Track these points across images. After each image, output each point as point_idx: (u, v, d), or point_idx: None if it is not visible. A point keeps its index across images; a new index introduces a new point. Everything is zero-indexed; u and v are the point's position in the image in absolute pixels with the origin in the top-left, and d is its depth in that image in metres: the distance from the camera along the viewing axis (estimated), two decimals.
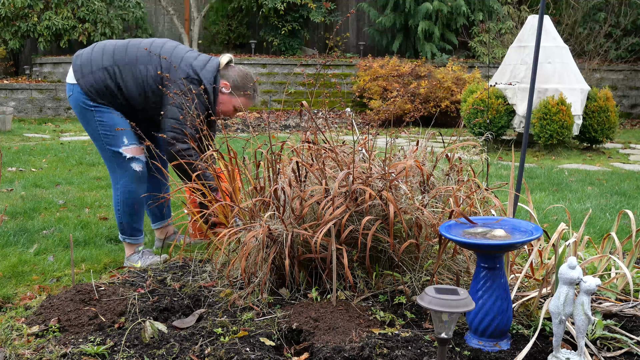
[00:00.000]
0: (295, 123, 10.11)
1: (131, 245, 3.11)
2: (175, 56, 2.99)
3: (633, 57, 12.40)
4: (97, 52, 2.99)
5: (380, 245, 2.46)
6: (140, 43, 3.02)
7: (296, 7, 12.24)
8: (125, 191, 3.01)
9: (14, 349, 2.02)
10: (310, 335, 2.06)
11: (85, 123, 3.01)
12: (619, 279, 2.50)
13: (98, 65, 2.94)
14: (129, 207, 3.03)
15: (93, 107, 2.95)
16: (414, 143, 2.86)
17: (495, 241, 2.00)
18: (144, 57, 2.96)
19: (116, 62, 2.95)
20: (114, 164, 3.01)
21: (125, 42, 3.04)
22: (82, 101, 2.95)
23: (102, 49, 3.00)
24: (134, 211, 3.05)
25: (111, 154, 2.99)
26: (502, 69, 7.77)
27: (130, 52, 2.97)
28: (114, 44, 3.03)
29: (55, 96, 10.86)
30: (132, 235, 3.09)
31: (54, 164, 6.10)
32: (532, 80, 2.70)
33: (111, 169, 3.05)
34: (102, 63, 2.95)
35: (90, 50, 3.02)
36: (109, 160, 3.02)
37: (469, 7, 12.01)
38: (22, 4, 10.83)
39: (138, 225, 3.10)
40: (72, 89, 2.98)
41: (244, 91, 3.09)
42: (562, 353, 1.91)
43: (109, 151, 2.99)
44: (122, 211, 3.03)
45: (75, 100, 2.98)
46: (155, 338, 2.07)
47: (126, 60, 2.96)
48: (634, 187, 5.26)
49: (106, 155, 3.02)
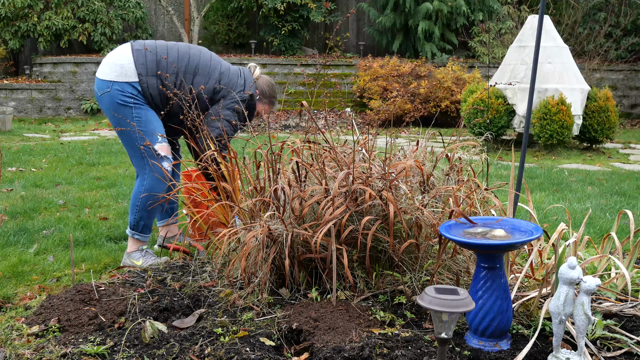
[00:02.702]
0: (295, 123, 10.11)
1: (137, 242, 3.11)
2: (224, 71, 3.17)
3: (633, 57, 12.41)
4: (161, 53, 3.06)
5: (380, 245, 2.46)
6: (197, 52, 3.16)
7: (296, 7, 12.24)
8: (150, 188, 3.03)
9: (14, 349, 2.02)
10: (310, 335, 2.06)
11: (120, 119, 3.01)
12: (618, 279, 2.50)
13: (163, 70, 3.03)
14: (148, 204, 3.05)
15: (133, 103, 2.99)
16: (414, 143, 2.86)
17: (495, 241, 2.00)
18: (204, 68, 3.12)
19: (179, 68, 3.06)
20: (145, 161, 3.03)
21: (185, 48, 3.16)
22: (121, 98, 2.98)
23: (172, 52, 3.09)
24: (152, 209, 3.07)
25: (143, 151, 3.01)
26: (502, 69, 7.77)
27: (192, 62, 3.11)
28: (176, 49, 3.13)
29: (55, 96, 10.86)
30: (142, 232, 3.10)
31: (54, 164, 6.10)
32: (532, 80, 2.70)
33: (139, 165, 3.06)
34: (167, 70, 3.04)
35: (154, 52, 3.06)
36: (140, 157, 3.04)
37: (469, 7, 12.01)
38: (22, 4, 10.82)
39: (150, 223, 3.12)
40: (111, 85, 2.99)
41: (270, 99, 3.36)
42: (562, 353, 1.91)
43: (142, 147, 3.01)
44: (141, 207, 3.05)
45: (111, 96, 2.99)
46: (155, 338, 2.07)
47: (188, 69, 3.08)
48: (634, 187, 5.26)
49: (137, 151, 3.03)
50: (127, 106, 2.99)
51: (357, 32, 13.39)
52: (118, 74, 2.99)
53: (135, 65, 3.00)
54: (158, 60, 3.03)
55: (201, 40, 12.93)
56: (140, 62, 3.01)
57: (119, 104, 2.99)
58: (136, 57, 3.02)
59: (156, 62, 3.03)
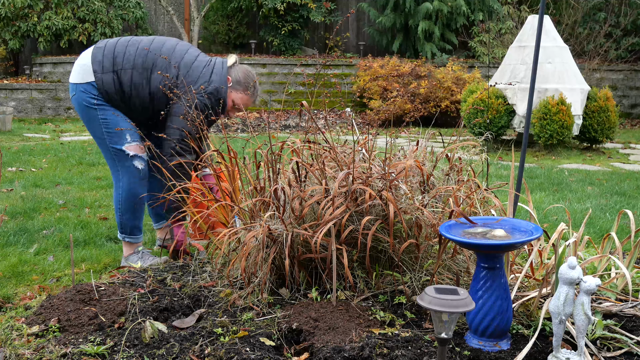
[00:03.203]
0: (295, 123, 10.11)
1: (130, 244, 3.11)
2: (187, 63, 3.01)
3: (633, 57, 12.40)
4: (119, 51, 2.99)
5: (380, 245, 2.46)
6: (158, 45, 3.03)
7: (296, 7, 12.24)
8: (127, 189, 3.01)
9: (14, 349, 2.02)
10: (310, 335, 2.06)
11: (88, 122, 3.02)
12: (618, 279, 2.50)
13: (118, 67, 2.96)
14: (130, 205, 3.04)
15: (97, 105, 2.97)
16: (414, 143, 2.86)
17: (495, 241, 2.00)
18: (162, 62, 2.98)
19: (136, 65, 2.96)
20: (116, 162, 3.02)
21: (146, 42, 3.04)
22: (86, 99, 2.96)
23: (122, 51, 2.99)
24: (135, 209, 3.05)
25: (114, 153, 3.00)
26: (502, 69, 7.77)
27: (150, 57, 2.99)
28: (136, 45, 3.02)
29: (55, 96, 10.86)
30: (131, 234, 3.09)
31: (54, 164, 6.10)
32: (532, 80, 2.70)
33: (113, 168, 3.06)
34: (123, 65, 2.96)
35: (111, 49, 3.00)
36: (111, 158, 3.03)
37: (469, 7, 12.01)
38: (22, 4, 10.83)
39: (138, 224, 3.10)
40: (75, 88, 2.99)
41: (245, 88, 3.12)
42: (562, 353, 1.91)
43: (112, 149, 3.00)
44: (123, 209, 3.04)
45: (78, 100, 2.99)
46: (155, 338, 2.07)
47: (145, 65, 2.97)
48: (634, 187, 5.26)
49: (108, 154, 3.03)
50: (92, 108, 2.97)
51: (357, 32, 13.39)
52: (80, 76, 2.98)
53: (91, 63, 2.97)
54: (114, 57, 2.96)
55: (201, 40, 12.94)
56: (97, 59, 2.97)
57: (85, 107, 2.98)
58: (94, 56, 2.98)
59: (112, 59, 2.96)
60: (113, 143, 2.99)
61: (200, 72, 3.01)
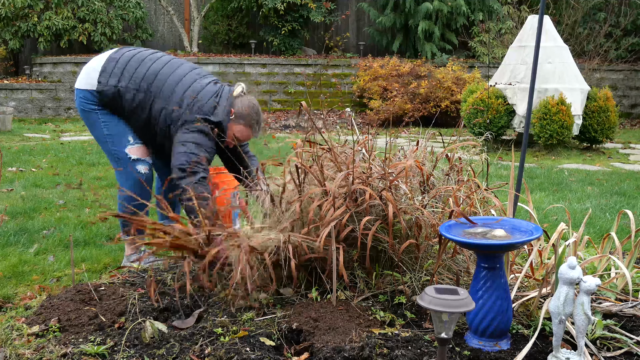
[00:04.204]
0: (295, 123, 10.11)
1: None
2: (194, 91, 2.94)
3: (633, 57, 12.40)
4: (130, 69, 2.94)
5: (380, 245, 2.46)
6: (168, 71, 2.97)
7: (296, 7, 12.23)
8: (130, 192, 3.01)
9: (14, 348, 2.03)
10: (310, 335, 2.06)
11: (90, 125, 3.03)
12: (618, 279, 2.50)
13: (123, 83, 2.92)
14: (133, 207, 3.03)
15: (98, 109, 2.97)
16: (414, 143, 2.86)
17: (495, 241, 2.00)
18: (166, 91, 2.93)
19: (140, 88, 2.92)
20: (119, 166, 3.02)
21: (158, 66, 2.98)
22: (87, 104, 2.98)
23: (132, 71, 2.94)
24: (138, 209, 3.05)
25: (117, 156, 3.00)
26: (502, 69, 7.77)
27: (157, 83, 2.93)
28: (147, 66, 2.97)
29: (55, 96, 10.86)
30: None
31: (54, 164, 6.10)
32: (532, 80, 2.70)
33: (117, 171, 3.06)
34: (127, 85, 2.92)
35: (123, 64, 2.96)
36: (115, 162, 3.04)
37: (469, 7, 12.01)
38: (22, 4, 10.82)
39: None
40: (77, 93, 3.02)
41: (247, 122, 2.99)
42: (562, 353, 1.91)
43: (114, 152, 3.00)
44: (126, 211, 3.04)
45: (79, 104, 3.02)
46: (156, 338, 2.07)
47: (149, 90, 2.93)
48: (633, 187, 5.26)
49: (112, 157, 3.04)
50: (93, 112, 2.98)
51: (357, 32, 13.38)
52: (84, 81, 2.99)
53: (99, 74, 2.95)
54: (122, 73, 2.94)
55: (201, 40, 12.93)
56: (106, 71, 2.94)
57: (86, 110, 2.99)
58: (104, 66, 2.96)
59: (120, 75, 2.93)
60: (115, 146, 2.99)
61: (205, 102, 2.93)
